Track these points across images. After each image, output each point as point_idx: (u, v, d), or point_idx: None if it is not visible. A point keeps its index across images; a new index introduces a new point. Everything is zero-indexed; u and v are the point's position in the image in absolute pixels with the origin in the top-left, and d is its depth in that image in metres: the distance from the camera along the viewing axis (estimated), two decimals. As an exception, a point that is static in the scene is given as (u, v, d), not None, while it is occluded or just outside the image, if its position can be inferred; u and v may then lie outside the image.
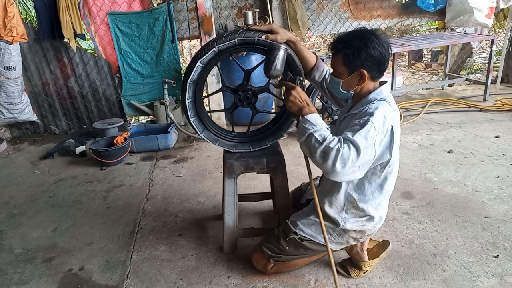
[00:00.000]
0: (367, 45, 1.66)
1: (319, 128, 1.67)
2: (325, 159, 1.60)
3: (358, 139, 1.59)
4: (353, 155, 1.58)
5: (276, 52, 1.79)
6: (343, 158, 1.58)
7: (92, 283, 2.17)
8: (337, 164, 1.58)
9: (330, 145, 1.60)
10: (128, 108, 4.86)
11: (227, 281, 2.10)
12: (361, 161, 1.61)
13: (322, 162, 1.62)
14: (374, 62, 1.69)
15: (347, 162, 1.58)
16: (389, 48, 1.72)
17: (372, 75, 1.73)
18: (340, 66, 1.74)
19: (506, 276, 2.01)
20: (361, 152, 1.59)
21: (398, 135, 1.74)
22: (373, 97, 1.75)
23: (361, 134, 1.60)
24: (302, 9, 4.75)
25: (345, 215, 1.87)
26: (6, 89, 4.16)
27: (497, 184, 2.93)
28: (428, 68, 7.89)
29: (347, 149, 1.58)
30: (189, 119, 2.11)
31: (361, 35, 1.69)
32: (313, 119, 1.70)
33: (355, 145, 1.58)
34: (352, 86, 1.76)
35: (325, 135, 1.64)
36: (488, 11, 4.97)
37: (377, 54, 1.67)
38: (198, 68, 1.99)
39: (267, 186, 2.90)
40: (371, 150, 1.63)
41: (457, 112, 4.70)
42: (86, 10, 4.39)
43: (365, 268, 2.05)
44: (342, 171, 1.59)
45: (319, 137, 1.64)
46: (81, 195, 3.23)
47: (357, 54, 1.67)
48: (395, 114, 1.72)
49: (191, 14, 4.66)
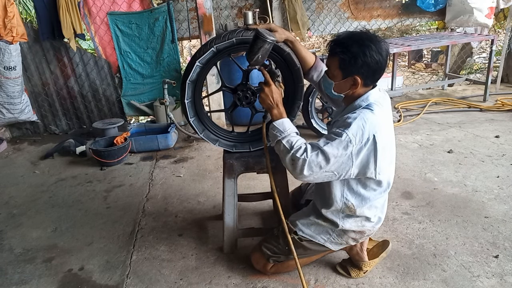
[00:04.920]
0: (365, 53, 1.62)
1: (287, 134, 1.72)
2: (293, 166, 1.67)
3: (328, 148, 1.61)
4: (321, 163, 1.62)
5: (262, 44, 1.71)
6: (310, 165, 1.63)
7: (92, 283, 2.17)
8: (305, 172, 1.64)
9: (297, 154, 1.65)
10: (128, 108, 4.86)
11: (227, 281, 2.10)
12: (334, 167, 1.64)
13: (291, 168, 1.69)
14: (369, 71, 1.66)
15: (314, 169, 1.63)
16: (388, 56, 1.69)
17: (365, 82, 1.70)
18: (335, 68, 1.72)
19: (506, 276, 2.01)
20: (330, 160, 1.61)
21: (386, 140, 1.70)
22: (358, 104, 1.73)
23: (332, 145, 1.62)
24: (302, 9, 4.75)
25: (343, 216, 1.87)
26: (6, 89, 4.16)
27: (497, 184, 2.93)
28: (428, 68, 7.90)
29: (315, 157, 1.62)
30: (188, 119, 2.11)
31: (360, 41, 1.63)
32: (281, 125, 1.75)
33: (324, 153, 1.61)
34: (343, 90, 1.75)
35: (292, 142, 1.69)
36: (488, 11, 4.97)
37: (373, 63, 1.64)
38: (197, 68, 1.98)
39: (267, 186, 2.90)
40: (346, 158, 1.63)
41: (457, 112, 4.70)
42: (86, 10, 4.40)
43: (365, 268, 2.05)
44: (310, 177, 1.66)
45: (286, 143, 1.70)
46: (81, 195, 3.23)
47: (353, 61, 1.64)
48: (379, 120, 1.67)
49: (191, 14, 4.66)
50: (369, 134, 1.63)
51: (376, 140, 1.64)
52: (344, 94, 1.76)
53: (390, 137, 1.78)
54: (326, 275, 2.08)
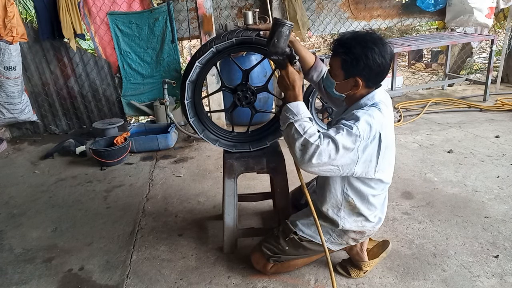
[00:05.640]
0: (367, 56, 1.59)
1: (300, 118, 1.65)
2: (303, 151, 1.59)
3: (339, 137, 1.58)
4: (331, 152, 1.57)
5: (277, 28, 1.66)
6: (321, 153, 1.57)
7: (92, 283, 2.17)
8: (314, 160, 1.58)
9: (310, 139, 1.58)
10: (128, 108, 4.86)
11: (227, 281, 2.10)
12: (340, 161, 1.61)
13: (299, 155, 1.61)
14: (371, 73, 1.65)
15: (323, 158, 1.57)
16: (392, 58, 1.67)
17: (367, 84, 1.69)
18: (337, 68, 1.71)
19: (506, 276, 2.01)
20: (339, 150, 1.57)
21: (389, 140, 1.70)
22: (364, 102, 1.72)
23: (343, 135, 1.59)
24: (302, 9, 4.75)
25: (343, 214, 1.86)
26: (6, 89, 4.16)
27: (497, 184, 2.93)
28: (428, 68, 7.89)
29: (326, 145, 1.57)
30: (188, 119, 2.11)
31: (363, 43, 1.61)
32: (295, 107, 1.68)
33: (335, 142, 1.57)
34: (345, 90, 1.74)
35: (305, 126, 1.62)
36: (488, 11, 4.97)
37: (376, 66, 1.61)
38: (196, 68, 1.98)
39: (267, 186, 2.90)
40: (353, 154, 1.61)
41: (457, 112, 4.70)
42: (86, 10, 4.40)
43: (365, 268, 2.05)
44: (317, 166, 1.60)
45: (299, 127, 1.62)
46: (81, 195, 3.23)
47: (355, 63, 1.62)
48: (385, 120, 1.67)
49: (191, 14, 4.66)
50: (375, 131, 1.63)
51: (381, 139, 1.64)
52: (345, 94, 1.76)
53: (392, 138, 1.78)
54: (326, 275, 2.08)
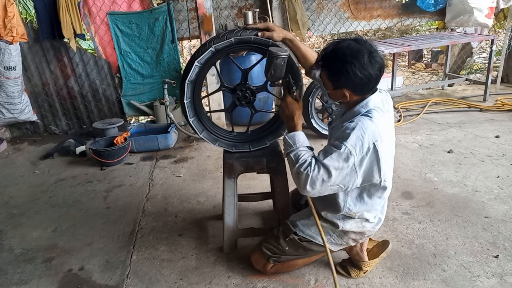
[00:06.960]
0: (348, 71, 1.57)
1: (296, 148, 1.72)
2: (298, 179, 1.67)
3: (329, 162, 1.60)
4: (324, 177, 1.61)
5: (272, 61, 1.78)
6: (313, 180, 1.62)
7: (92, 283, 2.18)
8: (307, 187, 1.64)
9: (301, 168, 1.64)
10: (128, 108, 4.86)
11: (227, 281, 2.10)
12: (338, 181, 1.63)
13: (297, 182, 1.70)
14: (355, 86, 1.63)
15: (317, 184, 1.63)
16: (381, 68, 1.62)
17: (355, 94, 1.68)
18: (325, 79, 1.72)
19: (506, 276, 2.01)
20: (332, 174, 1.60)
21: (387, 147, 1.68)
22: (358, 110, 1.70)
23: (332, 158, 1.60)
24: (302, 9, 4.75)
25: (343, 217, 1.87)
26: (6, 89, 4.16)
27: (497, 184, 2.93)
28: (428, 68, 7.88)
29: (317, 172, 1.61)
30: (188, 119, 2.11)
31: (342, 58, 1.58)
32: (292, 138, 1.76)
33: (326, 167, 1.60)
34: (337, 98, 1.74)
35: (298, 155, 1.69)
36: (488, 11, 4.97)
37: (358, 80, 1.59)
38: (195, 68, 1.99)
39: (267, 186, 2.90)
40: (349, 170, 1.61)
41: (457, 112, 4.70)
42: (86, 10, 4.39)
43: (365, 268, 2.05)
44: (313, 191, 1.65)
45: (293, 157, 1.70)
46: (81, 195, 3.23)
47: (337, 78, 1.63)
48: (378, 128, 1.63)
49: (191, 14, 4.66)
50: (369, 143, 1.61)
51: (377, 148, 1.61)
52: (338, 102, 1.77)
53: (391, 142, 1.76)
54: (326, 275, 2.08)
